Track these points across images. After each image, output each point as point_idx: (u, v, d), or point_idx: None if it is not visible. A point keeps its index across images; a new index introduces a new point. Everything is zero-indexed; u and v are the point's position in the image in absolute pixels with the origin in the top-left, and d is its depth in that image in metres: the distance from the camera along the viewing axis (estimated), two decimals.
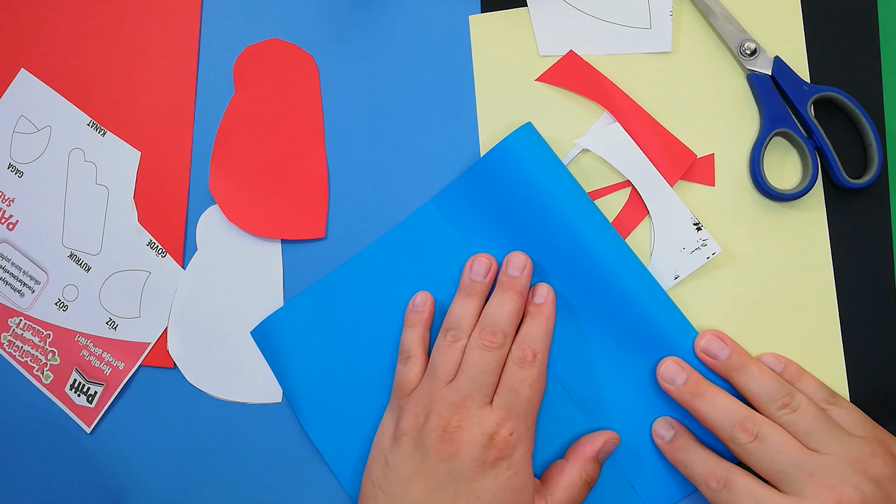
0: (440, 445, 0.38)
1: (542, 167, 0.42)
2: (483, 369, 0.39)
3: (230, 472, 0.46)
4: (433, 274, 0.44)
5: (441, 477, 0.38)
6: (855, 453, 0.36)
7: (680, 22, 0.43)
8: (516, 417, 0.39)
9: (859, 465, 0.36)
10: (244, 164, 0.46)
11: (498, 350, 0.40)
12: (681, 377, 0.40)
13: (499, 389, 0.40)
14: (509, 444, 0.38)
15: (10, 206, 0.49)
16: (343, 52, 0.46)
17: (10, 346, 0.49)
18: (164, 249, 0.47)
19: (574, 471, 0.40)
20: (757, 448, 0.37)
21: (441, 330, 0.42)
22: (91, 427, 0.48)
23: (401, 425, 0.40)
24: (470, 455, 0.38)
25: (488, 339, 0.40)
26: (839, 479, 0.35)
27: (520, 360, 0.40)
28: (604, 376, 0.42)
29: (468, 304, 0.42)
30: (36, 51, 0.49)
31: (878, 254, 0.41)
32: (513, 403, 0.39)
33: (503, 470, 0.38)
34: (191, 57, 0.48)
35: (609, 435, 0.41)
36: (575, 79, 0.44)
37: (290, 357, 0.45)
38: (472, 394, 0.39)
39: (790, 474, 0.36)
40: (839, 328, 0.41)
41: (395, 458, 0.39)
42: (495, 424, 0.38)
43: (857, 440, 0.37)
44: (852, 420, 0.38)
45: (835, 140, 0.41)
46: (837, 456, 0.36)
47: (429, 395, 0.40)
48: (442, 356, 0.41)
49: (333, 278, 0.45)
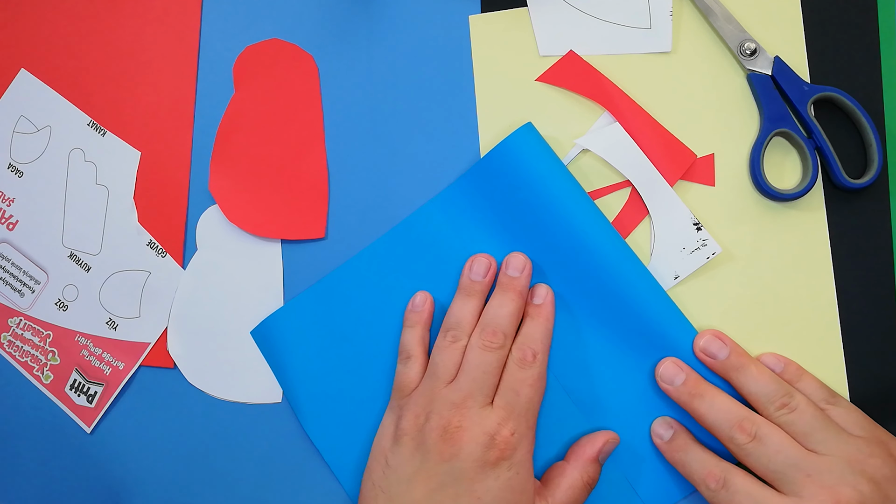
0: (441, 445, 0.38)
1: (543, 167, 0.42)
2: (484, 369, 0.39)
3: (230, 472, 0.46)
4: (433, 274, 0.44)
5: (442, 477, 0.38)
6: (853, 453, 0.36)
7: (680, 22, 0.43)
8: (517, 417, 0.39)
9: (857, 466, 0.36)
10: (244, 164, 0.46)
11: (498, 350, 0.40)
12: (679, 378, 0.40)
13: (500, 390, 0.40)
14: (511, 445, 0.38)
15: (10, 206, 0.49)
16: (343, 52, 0.46)
17: (10, 346, 0.49)
18: (164, 249, 0.47)
19: (575, 472, 0.40)
20: (755, 448, 0.37)
21: (441, 330, 0.42)
22: (91, 427, 0.48)
23: (401, 425, 0.40)
24: (471, 455, 0.38)
25: (489, 339, 0.40)
26: (837, 480, 0.35)
27: (520, 361, 0.40)
28: (604, 376, 0.42)
29: (468, 304, 0.42)
30: (36, 51, 0.49)
31: (878, 254, 0.41)
32: (514, 403, 0.39)
33: (504, 470, 0.38)
34: (191, 57, 0.48)
35: (609, 435, 0.41)
36: (575, 79, 0.44)
37: (290, 357, 0.45)
38: (472, 394, 0.39)
39: (788, 474, 0.36)
40: (839, 328, 0.41)
41: (395, 459, 0.39)
42: (496, 424, 0.38)
43: (855, 440, 0.37)
44: (852, 420, 0.38)
45: (835, 140, 0.41)
46: (836, 456, 0.36)
47: (429, 396, 0.40)
48: (442, 356, 0.41)
49: (333, 278, 0.45)
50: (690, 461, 0.39)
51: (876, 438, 0.37)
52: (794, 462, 0.36)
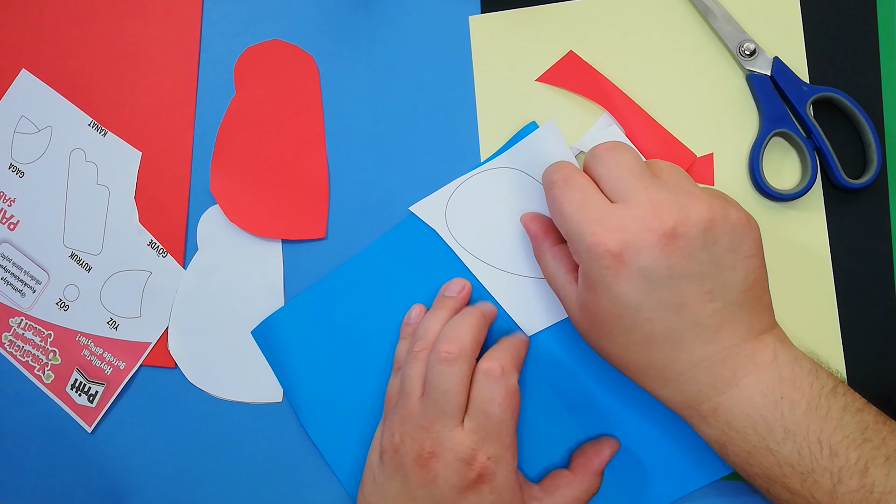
0: (417, 471, 0.37)
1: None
2: (443, 389, 0.37)
3: (230, 472, 0.46)
4: (433, 274, 0.44)
5: (423, 501, 0.37)
6: (694, 190, 0.35)
7: (680, 22, 0.43)
8: (491, 440, 0.37)
9: (693, 194, 0.34)
10: (245, 164, 0.46)
11: (455, 362, 0.37)
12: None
13: (469, 408, 0.37)
14: (488, 469, 0.36)
15: (11, 206, 0.49)
16: (343, 53, 0.46)
17: (11, 345, 0.49)
18: (165, 249, 0.47)
19: (582, 485, 0.40)
20: (603, 159, 0.36)
21: (410, 342, 0.41)
22: (92, 427, 0.48)
23: (383, 443, 0.39)
24: (447, 482, 0.37)
25: (445, 348, 0.37)
26: (669, 198, 0.34)
27: (486, 372, 0.37)
28: (596, 378, 0.42)
29: (436, 316, 0.41)
30: (37, 51, 0.49)
31: (878, 254, 0.41)
32: (485, 425, 0.37)
33: (486, 494, 0.37)
34: (192, 57, 0.48)
35: (613, 444, 0.41)
36: (575, 79, 0.44)
37: (291, 356, 0.45)
38: (438, 417, 0.37)
39: (626, 184, 0.35)
40: (839, 328, 0.41)
41: (381, 475, 0.39)
42: (470, 450, 0.36)
43: (702, 190, 0.35)
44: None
45: (834, 140, 0.41)
46: (676, 184, 0.35)
47: (403, 413, 0.39)
48: (408, 369, 0.40)
49: (334, 278, 0.45)
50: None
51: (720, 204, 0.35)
52: (637, 174, 0.35)
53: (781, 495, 0.34)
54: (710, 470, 0.41)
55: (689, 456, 0.41)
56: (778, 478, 0.34)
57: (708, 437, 0.36)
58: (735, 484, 0.42)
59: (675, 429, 0.41)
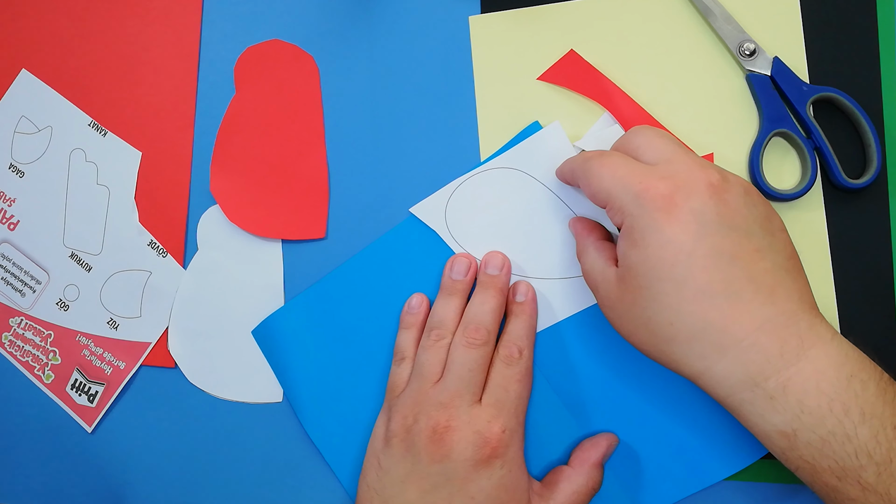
0: (431, 447, 0.38)
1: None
2: (469, 367, 0.39)
3: (230, 472, 0.46)
4: (433, 274, 0.44)
5: (434, 478, 0.38)
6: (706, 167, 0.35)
7: (680, 22, 0.43)
8: (507, 414, 0.39)
9: (720, 170, 0.35)
10: (245, 164, 0.46)
11: (482, 347, 0.40)
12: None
13: (487, 387, 0.40)
14: (503, 442, 0.38)
15: (11, 206, 0.49)
16: (343, 53, 0.46)
17: (11, 345, 0.49)
18: (165, 249, 0.47)
19: (581, 478, 0.40)
20: (632, 138, 0.37)
21: (425, 330, 0.42)
22: (92, 427, 0.48)
23: (391, 427, 0.40)
24: (462, 455, 0.38)
25: (472, 335, 0.40)
26: (700, 164, 0.35)
27: (506, 358, 0.40)
28: (595, 376, 0.42)
29: (450, 303, 0.42)
30: (37, 51, 0.49)
31: (878, 254, 0.41)
32: (503, 400, 0.39)
33: (497, 469, 0.38)
34: (192, 57, 0.48)
35: (611, 438, 0.41)
36: (575, 78, 0.44)
37: (291, 356, 0.45)
38: (460, 392, 0.39)
39: (669, 147, 0.36)
40: (838, 328, 0.41)
41: (387, 461, 0.39)
42: (487, 422, 0.38)
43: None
44: None
45: (834, 140, 0.42)
46: (698, 162, 0.35)
47: (416, 396, 0.40)
48: (427, 355, 0.41)
49: (334, 278, 0.45)
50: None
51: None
52: (676, 142, 0.36)
53: (851, 493, 0.31)
54: (712, 470, 0.41)
55: (691, 456, 0.41)
56: (852, 470, 0.30)
57: (774, 427, 0.32)
58: (735, 484, 0.42)
59: (676, 429, 0.41)
